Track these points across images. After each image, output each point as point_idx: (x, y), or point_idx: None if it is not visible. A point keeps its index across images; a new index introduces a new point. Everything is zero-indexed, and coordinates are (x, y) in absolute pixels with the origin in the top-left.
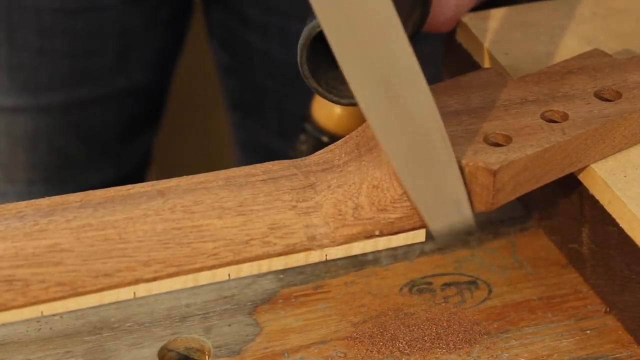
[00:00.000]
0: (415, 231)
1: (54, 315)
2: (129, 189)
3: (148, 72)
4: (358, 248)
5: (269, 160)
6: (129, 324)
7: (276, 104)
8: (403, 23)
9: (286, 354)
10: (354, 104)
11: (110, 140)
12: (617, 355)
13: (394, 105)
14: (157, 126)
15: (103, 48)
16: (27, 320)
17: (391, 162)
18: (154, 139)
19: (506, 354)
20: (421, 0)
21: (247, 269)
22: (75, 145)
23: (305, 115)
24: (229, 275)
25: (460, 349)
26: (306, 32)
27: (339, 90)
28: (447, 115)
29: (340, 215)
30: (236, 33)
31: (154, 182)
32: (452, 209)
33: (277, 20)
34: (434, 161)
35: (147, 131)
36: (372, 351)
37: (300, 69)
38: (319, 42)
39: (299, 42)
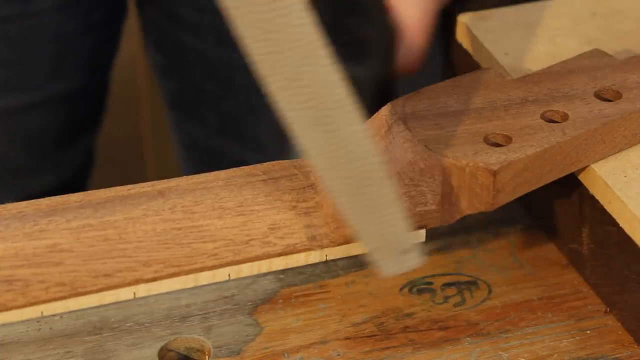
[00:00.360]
0: (415, 231)
1: (54, 315)
2: (129, 189)
3: (84, 76)
4: (358, 248)
5: (211, 159)
6: (129, 324)
7: (214, 104)
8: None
9: (286, 354)
10: None
11: (50, 145)
12: (617, 355)
13: (331, 142)
14: (98, 129)
15: (37, 54)
16: (27, 320)
17: (335, 202)
18: (95, 141)
19: (506, 354)
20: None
21: (247, 269)
22: (14, 151)
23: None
24: (229, 275)
25: (460, 349)
26: None
27: None
28: (447, 115)
29: (340, 215)
30: (170, 34)
31: (154, 182)
32: (402, 257)
33: (210, 20)
34: (378, 205)
35: (87, 133)
36: (372, 351)
37: None
38: None
39: None
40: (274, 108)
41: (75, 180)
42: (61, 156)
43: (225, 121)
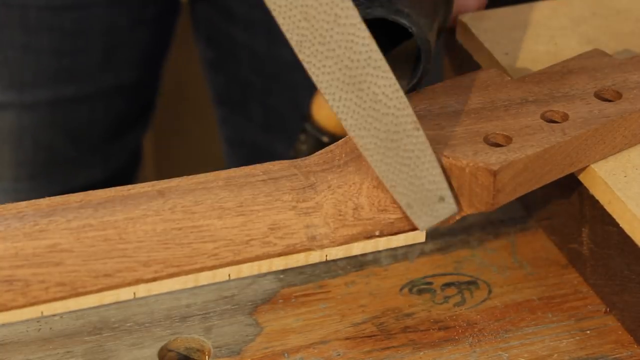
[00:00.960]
0: (415, 231)
1: (54, 315)
2: (129, 189)
3: (135, 70)
4: (358, 248)
5: (255, 155)
6: (129, 324)
7: (261, 100)
8: (430, 23)
9: (286, 354)
10: None
11: (98, 138)
12: (617, 355)
13: (362, 100)
14: (146, 125)
15: (89, 46)
16: (27, 320)
17: (368, 161)
18: (142, 138)
19: (506, 354)
20: (444, 2)
21: (247, 269)
22: (61, 143)
23: (304, 115)
24: (229, 275)
25: (460, 349)
26: None
27: None
28: (447, 115)
29: (340, 215)
30: (221, 28)
31: (154, 182)
32: (437, 207)
33: (262, 16)
34: (411, 156)
35: (136, 130)
36: (372, 351)
37: None
38: None
39: None
40: None
41: (121, 175)
42: (107, 151)
43: (270, 117)
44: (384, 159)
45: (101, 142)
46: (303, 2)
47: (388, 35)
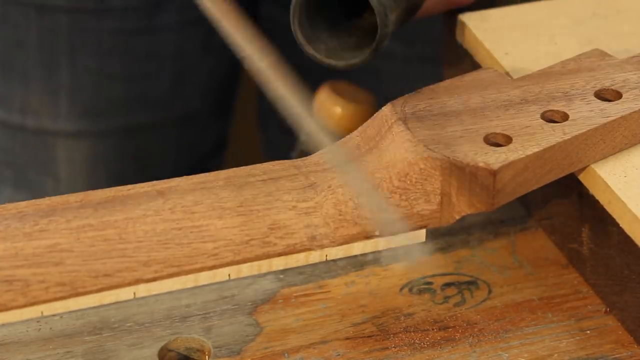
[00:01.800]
0: (415, 231)
1: (54, 315)
2: (129, 189)
3: (205, 99)
4: (358, 248)
5: None
6: (129, 324)
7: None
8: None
9: (286, 354)
10: (352, 66)
11: (169, 170)
12: (617, 356)
13: None
14: (221, 159)
15: (158, 71)
16: (27, 320)
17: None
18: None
19: (506, 354)
20: None
21: (247, 269)
22: (133, 173)
23: None
24: (229, 275)
25: (460, 349)
26: None
27: (340, 57)
28: (447, 115)
29: (340, 215)
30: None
31: (154, 182)
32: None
33: None
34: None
35: (210, 164)
36: (372, 351)
37: (294, 35)
38: (315, 9)
39: (291, 5)
40: None
41: None
42: None
43: None
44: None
45: (173, 173)
46: None
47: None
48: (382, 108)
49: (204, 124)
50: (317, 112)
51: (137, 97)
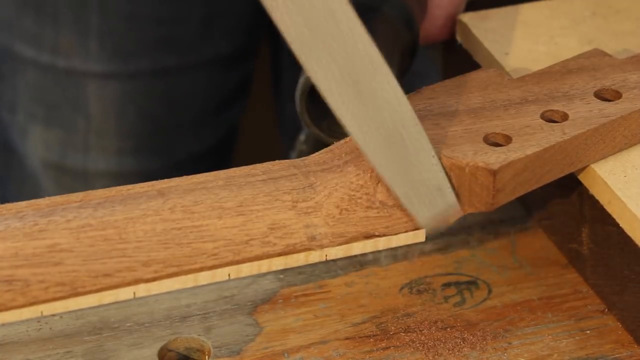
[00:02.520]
0: (415, 231)
1: (54, 315)
2: (129, 189)
3: (234, 42)
4: (358, 248)
5: None
6: (129, 324)
7: None
8: (390, 52)
9: (286, 354)
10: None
11: (199, 111)
12: (617, 355)
13: (359, 96)
14: (245, 100)
15: (188, 14)
16: (27, 320)
17: (366, 156)
18: (241, 114)
19: (506, 354)
20: (405, 24)
21: (247, 269)
22: (163, 114)
23: None
24: (229, 275)
25: (460, 349)
26: (303, 81)
27: (340, 133)
28: (447, 115)
29: (340, 215)
30: None
31: (154, 182)
32: (435, 197)
33: None
34: (408, 149)
35: (236, 104)
36: (372, 351)
37: (300, 117)
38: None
39: (296, 92)
40: None
41: (219, 150)
42: (208, 124)
43: None
44: (383, 153)
45: (202, 114)
46: (301, 3)
47: None
48: None
49: (230, 66)
50: None
51: (165, 40)
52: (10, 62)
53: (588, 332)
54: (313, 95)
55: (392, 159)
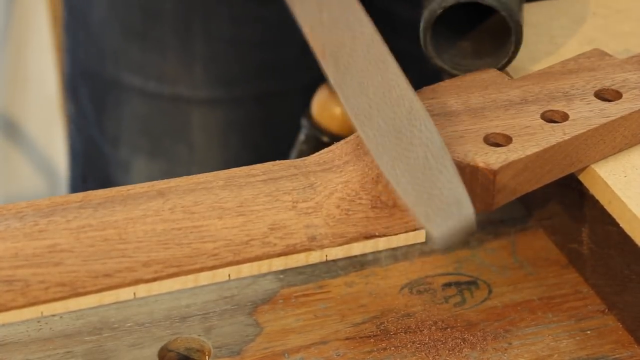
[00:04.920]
0: (416, 231)
1: (54, 315)
2: (129, 189)
3: None
4: (358, 248)
5: None
6: (129, 324)
7: (418, 67)
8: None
9: (286, 354)
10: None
11: (294, 134)
12: (617, 356)
13: (371, 103)
14: None
15: (290, 39)
16: (27, 320)
17: (374, 157)
18: None
19: (506, 355)
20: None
21: (247, 270)
22: (265, 143)
23: (306, 114)
24: (229, 275)
25: (460, 349)
26: (427, 14)
27: (463, 66)
28: (447, 115)
29: (340, 215)
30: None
31: (154, 182)
32: (452, 210)
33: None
34: (433, 170)
35: None
36: (372, 351)
37: (424, 49)
38: (439, 23)
39: (421, 25)
40: None
41: None
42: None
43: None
44: (391, 155)
45: (295, 139)
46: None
47: (467, 14)
48: None
49: None
50: (318, 112)
51: (269, 65)
52: (116, 93)
53: (588, 332)
54: (435, 28)
55: (402, 164)
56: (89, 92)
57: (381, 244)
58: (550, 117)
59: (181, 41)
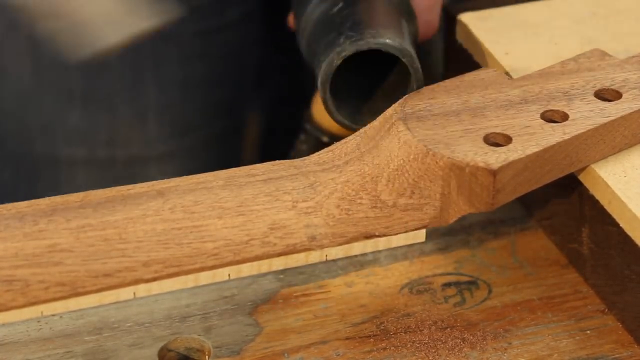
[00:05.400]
0: (415, 231)
1: (54, 315)
2: (129, 189)
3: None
4: (358, 248)
5: None
6: (129, 324)
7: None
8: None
9: (286, 354)
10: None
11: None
12: (617, 355)
13: None
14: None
15: (239, 78)
16: (27, 320)
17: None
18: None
19: (506, 354)
20: (407, 14)
21: (247, 269)
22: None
23: (306, 114)
24: (229, 275)
25: (460, 349)
26: (326, 66)
27: (361, 121)
28: (447, 115)
29: (340, 215)
30: None
31: (154, 182)
32: None
33: None
34: None
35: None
36: (372, 351)
37: (324, 105)
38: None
39: (320, 77)
40: None
41: None
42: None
43: None
44: None
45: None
46: None
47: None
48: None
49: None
50: (318, 112)
51: (221, 104)
52: (52, 170)
53: (588, 332)
54: (334, 84)
55: None
56: (13, 175)
57: (381, 243)
58: (550, 117)
59: (132, 93)
